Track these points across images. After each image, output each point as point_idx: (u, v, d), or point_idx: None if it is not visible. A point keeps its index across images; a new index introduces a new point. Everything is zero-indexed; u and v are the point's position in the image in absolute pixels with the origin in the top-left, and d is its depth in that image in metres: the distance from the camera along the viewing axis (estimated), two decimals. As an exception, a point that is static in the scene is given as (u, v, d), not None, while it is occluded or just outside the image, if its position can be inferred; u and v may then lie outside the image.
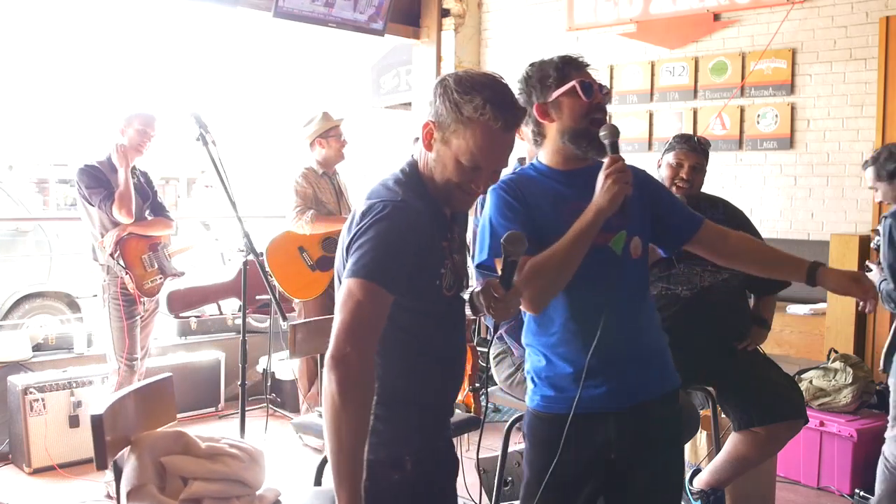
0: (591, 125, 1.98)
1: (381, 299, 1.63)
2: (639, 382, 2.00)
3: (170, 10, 12.26)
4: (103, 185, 3.80)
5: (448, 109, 1.69)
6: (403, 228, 1.66)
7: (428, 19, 6.32)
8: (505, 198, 2.00)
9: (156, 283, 3.95)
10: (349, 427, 1.56)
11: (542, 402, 2.04)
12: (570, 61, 2.04)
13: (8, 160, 17.62)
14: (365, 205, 1.71)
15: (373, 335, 1.63)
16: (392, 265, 1.64)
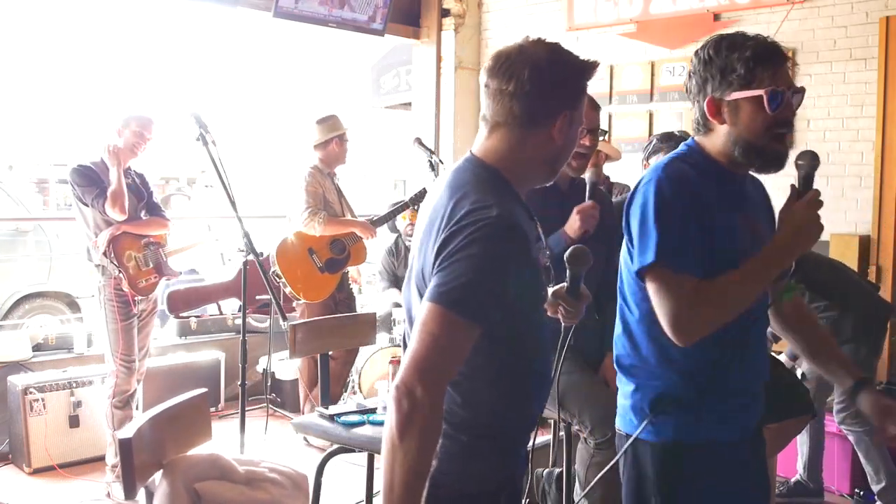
0: (772, 141, 1.70)
1: (465, 333, 1.48)
2: (754, 412, 1.87)
3: (170, 10, 12.26)
4: (95, 183, 3.79)
5: (575, 89, 1.65)
6: (506, 250, 1.50)
7: (428, 19, 6.32)
8: (682, 195, 1.70)
9: (150, 282, 3.94)
10: (405, 466, 1.43)
11: (680, 430, 1.78)
12: (765, 56, 1.68)
13: (8, 160, 17.61)
14: (463, 208, 1.53)
15: (448, 372, 1.50)
16: (486, 295, 1.48)
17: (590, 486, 2.52)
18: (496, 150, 1.64)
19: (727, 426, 1.79)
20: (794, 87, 1.70)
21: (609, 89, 5.64)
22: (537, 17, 6.04)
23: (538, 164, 1.67)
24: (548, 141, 1.63)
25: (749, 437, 1.85)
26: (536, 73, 1.58)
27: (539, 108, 1.61)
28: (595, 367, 2.75)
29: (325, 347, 3.43)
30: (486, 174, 1.62)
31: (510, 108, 1.60)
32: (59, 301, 7.08)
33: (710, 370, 1.73)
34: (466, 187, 1.58)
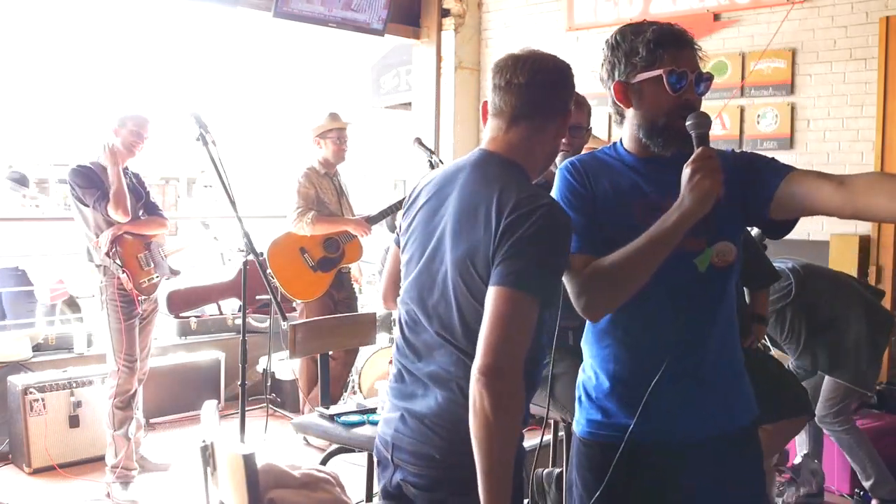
0: (671, 121, 1.69)
1: (536, 312, 1.60)
2: (699, 414, 1.72)
3: (170, 10, 12.26)
4: (96, 185, 3.79)
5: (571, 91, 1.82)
6: (563, 233, 1.63)
7: (428, 19, 6.32)
8: (570, 181, 1.77)
9: (152, 282, 3.95)
10: (504, 444, 1.55)
11: (586, 427, 1.82)
12: (667, 39, 1.73)
13: (8, 160, 17.61)
14: (514, 197, 1.63)
15: (524, 350, 1.59)
16: (556, 277, 1.64)
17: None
18: (513, 145, 1.74)
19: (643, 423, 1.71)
20: (701, 73, 1.72)
21: (609, 89, 5.64)
22: (537, 17, 6.04)
23: (542, 158, 1.79)
24: (555, 135, 1.77)
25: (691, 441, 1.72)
26: (554, 70, 1.76)
27: (555, 101, 1.75)
28: None
29: (325, 347, 3.43)
30: (514, 168, 1.72)
31: (534, 99, 1.71)
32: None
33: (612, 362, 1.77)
34: (505, 178, 1.69)
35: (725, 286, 1.73)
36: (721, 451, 1.73)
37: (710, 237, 1.67)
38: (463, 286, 1.67)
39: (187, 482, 3.91)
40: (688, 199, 1.58)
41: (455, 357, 1.70)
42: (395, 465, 1.79)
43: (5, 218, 7.09)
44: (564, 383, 2.61)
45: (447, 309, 1.71)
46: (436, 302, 1.74)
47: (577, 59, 5.75)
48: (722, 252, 1.68)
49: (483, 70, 6.35)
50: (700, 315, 1.70)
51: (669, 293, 1.67)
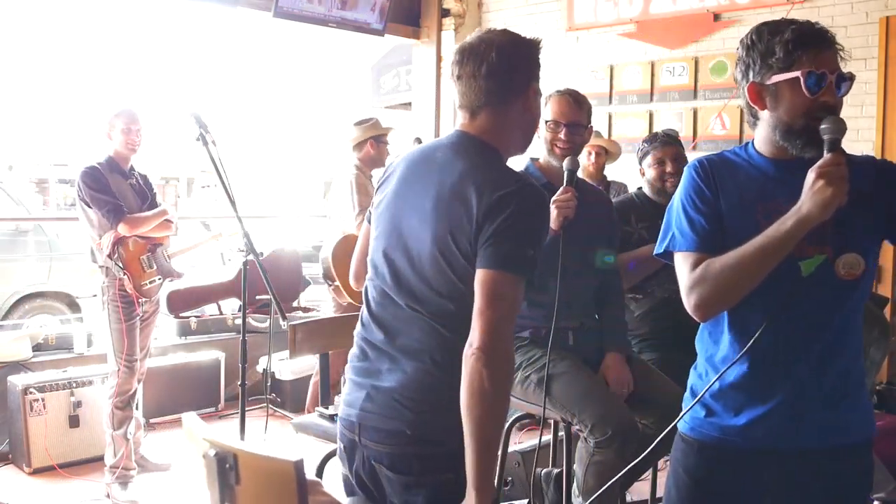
0: (810, 123, 1.62)
1: (522, 292, 1.70)
2: (806, 424, 1.66)
3: (170, 10, 12.25)
4: (105, 190, 3.77)
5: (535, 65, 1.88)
6: (544, 215, 1.77)
7: (428, 19, 6.32)
8: (695, 181, 1.72)
9: (154, 284, 3.94)
10: (498, 422, 1.65)
11: (689, 423, 1.76)
12: (806, 39, 1.62)
13: (8, 160, 17.63)
14: (496, 180, 1.72)
15: (513, 331, 1.71)
16: (537, 257, 1.70)
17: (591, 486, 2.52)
18: (486, 129, 1.82)
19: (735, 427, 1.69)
20: (841, 73, 1.63)
21: (609, 89, 5.64)
22: (537, 17, 6.04)
23: (518, 135, 1.87)
24: (523, 111, 1.84)
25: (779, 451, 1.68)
26: (502, 54, 1.79)
27: (510, 83, 1.80)
28: (594, 367, 2.75)
29: (326, 347, 3.42)
30: (490, 151, 1.81)
31: (487, 88, 1.79)
32: (59, 301, 7.08)
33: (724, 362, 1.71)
34: (481, 160, 1.78)
35: (849, 298, 1.67)
36: (827, 466, 1.68)
37: (836, 247, 1.62)
38: (443, 261, 1.73)
39: (187, 482, 3.91)
40: (807, 204, 1.53)
41: (428, 328, 1.75)
42: (364, 445, 1.79)
43: (6, 218, 7.08)
44: (564, 383, 2.61)
45: (420, 282, 1.77)
46: (409, 276, 1.78)
47: (577, 59, 5.78)
48: (849, 264, 1.62)
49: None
50: (814, 323, 1.65)
51: (778, 298, 1.62)
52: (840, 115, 1.63)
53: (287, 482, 1.53)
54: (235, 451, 1.64)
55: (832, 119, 1.59)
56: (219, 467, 1.66)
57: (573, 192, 2.65)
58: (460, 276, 1.72)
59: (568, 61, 5.75)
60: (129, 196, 3.91)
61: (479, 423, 1.61)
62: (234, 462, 1.63)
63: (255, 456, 1.63)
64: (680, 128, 5.23)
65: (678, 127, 5.24)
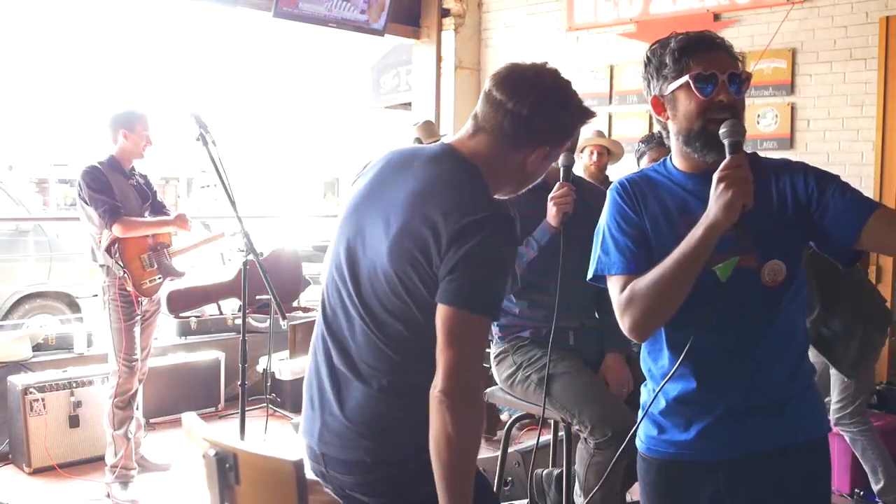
0: (708, 124, 1.65)
1: (488, 330, 1.66)
2: (752, 430, 1.67)
3: (170, 10, 12.25)
4: (106, 192, 3.76)
5: (564, 131, 1.77)
6: (512, 250, 1.67)
7: (428, 19, 6.32)
8: (619, 203, 1.74)
9: (154, 284, 3.94)
10: (465, 468, 1.58)
11: (645, 443, 1.79)
12: (692, 44, 1.67)
13: (8, 160, 17.63)
14: (467, 204, 1.61)
15: (480, 371, 1.65)
16: (502, 296, 1.65)
17: (593, 485, 2.53)
18: (477, 152, 1.71)
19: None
20: (734, 73, 1.65)
21: (609, 89, 5.64)
22: (537, 17, 6.04)
23: (507, 181, 1.76)
24: (520, 166, 1.73)
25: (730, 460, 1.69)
26: (539, 102, 1.67)
27: (524, 134, 1.69)
28: (595, 367, 2.75)
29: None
30: (470, 170, 1.69)
31: (501, 123, 1.68)
32: (59, 301, 7.08)
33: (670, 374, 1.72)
34: (459, 179, 1.67)
35: (778, 303, 1.67)
36: (779, 467, 1.69)
37: (761, 255, 1.62)
38: (398, 282, 1.63)
39: (187, 482, 3.91)
40: (713, 209, 1.54)
41: (376, 349, 1.67)
42: (332, 476, 1.73)
43: (6, 218, 7.08)
44: (564, 383, 2.61)
45: (374, 297, 1.67)
46: (365, 288, 1.69)
47: (577, 59, 5.78)
48: (773, 271, 1.63)
49: (483, 70, 6.35)
50: (749, 331, 1.67)
51: (691, 309, 1.62)
52: (743, 113, 1.68)
53: (287, 482, 1.52)
54: (235, 450, 1.63)
55: (730, 123, 1.61)
56: (219, 467, 1.65)
57: (570, 187, 2.65)
58: (416, 302, 1.62)
59: (568, 61, 5.74)
60: (131, 196, 3.91)
61: (446, 469, 1.56)
62: (234, 462, 1.63)
63: (254, 456, 1.62)
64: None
65: (678, 127, 5.24)
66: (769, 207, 1.67)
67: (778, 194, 1.68)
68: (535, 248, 2.67)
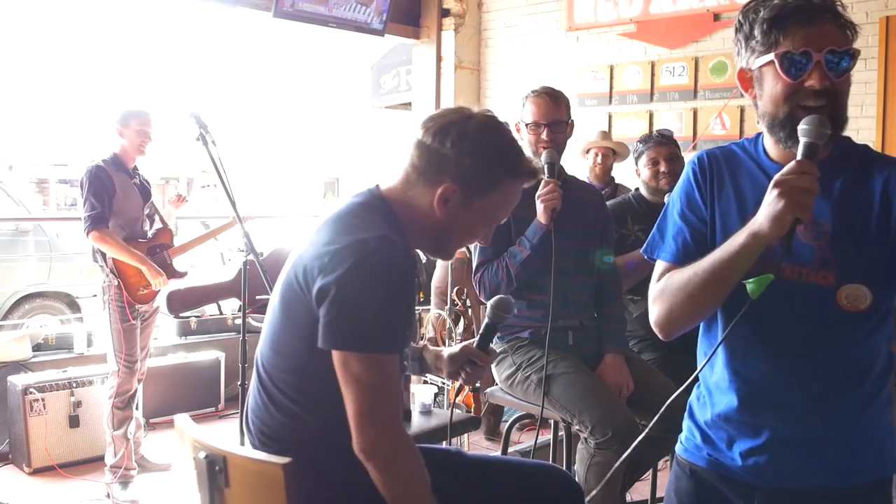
0: (796, 111, 1.40)
1: (394, 366, 1.46)
2: (797, 463, 1.49)
3: (170, 10, 12.26)
4: (100, 197, 3.74)
5: (476, 170, 1.57)
6: (397, 273, 1.46)
7: (428, 19, 6.32)
8: (690, 183, 1.55)
9: (149, 291, 3.89)
10: (415, 496, 1.48)
11: (684, 445, 1.66)
12: (787, 13, 1.39)
13: (8, 160, 17.62)
14: (340, 242, 1.47)
15: (396, 408, 1.48)
16: (394, 324, 1.47)
17: (592, 485, 2.52)
18: (394, 188, 1.63)
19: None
20: (836, 49, 1.37)
21: (609, 89, 5.64)
22: (537, 17, 6.04)
23: (424, 227, 1.62)
24: (430, 208, 1.59)
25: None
26: (448, 135, 1.57)
27: (428, 166, 1.58)
28: (594, 367, 2.75)
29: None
30: (378, 205, 1.60)
31: (412, 156, 1.61)
32: (59, 301, 7.08)
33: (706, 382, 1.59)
34: (355, 213, 1.57)
35: (855, 332, 1.45)
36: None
37: (840, 274, 1.41)
38: (279, 308, 1.58)
39: (187, 482, 3.91)
40: (759, 217, 1.33)
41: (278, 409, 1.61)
42: None
43: (6, 218, 7.08)
44: (564, 383, 2.61)
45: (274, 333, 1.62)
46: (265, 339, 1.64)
47: (577, 59, 5.78)
48: (852, 296, 1.41)
49: (483, 70, 6.35)
50: (810, 356, 1.46)
51: (776, 327, 1.46)
52: (845, 99, 1.42)
53: (276, 485, 1.52)
54: (225, 453, 1.62)
55: (812, 119, 1.36)
56: (208, 469, 1.64)
57: (555, 183, 2.65)
58: (290, 325, 1.55)
59: (568, 61, 5.74)
60: (134, 195, 3.90)
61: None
62: (224, 464, 1.61)
63: (244, 458, 1.60)
64: (680, 128, 5.23)
65: (678, 127, 5.24)
66: (866, 218, 1.43)
67: (883, 202, 1.41)
68: (527, 247, 2.67)
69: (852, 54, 1.40)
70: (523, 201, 2.62)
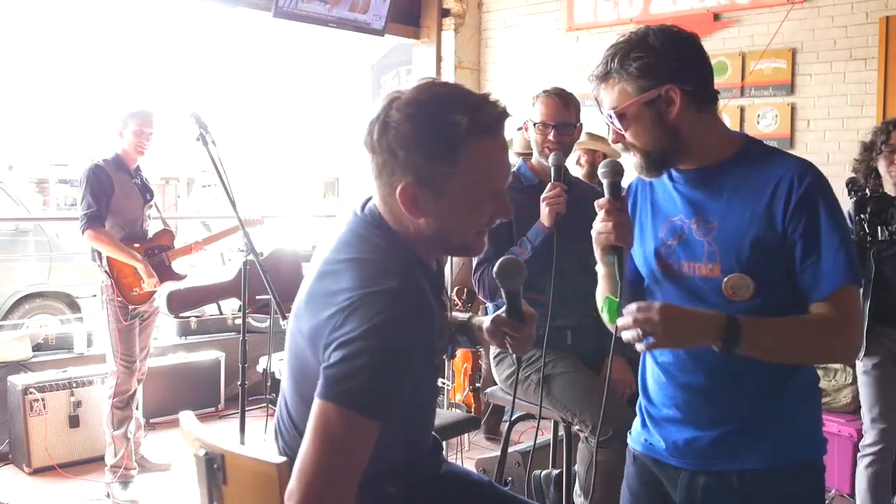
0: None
1: (371, 434, 1.28)
2: (710, 446, 1.62)
3: (170, 10, 12.26)
4: (99, 197, 3.73)
5: (421, 154, 1.34)
6: (409, 337, 1.31)
7: (428, 19, 6.32)
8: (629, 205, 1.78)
9: (144, 292, 3.88)
10: None
11: (630, 433, 1.84)
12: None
13: (8, 160, 17.62)
14: (358, 279, 1.34)
15: (355, 479, 1.28)
16: (392, 389, 1.30)
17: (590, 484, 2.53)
18: (379, 204, 1.44)
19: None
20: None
21: (609, 89, 5.64)
22: (537, 17, 6.04)
23: (426, 239, 1.43)
24: (411, 218, 1.40)
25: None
26: (378, 132, 1.38)
27: (378, 170, 1.40)
28: (593, 366, 2.75)
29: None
30: (384, 236, 1.42)
31: (382, 160, 1.40)
32: (59, 301, 7.08)
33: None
34: (363, 248, 1.40)
35: None
36: (747, 488, 1.60)
37: (724, 267, 1.56)
38: (296, 373, 1.51)
39: (187, 482, 3.91)
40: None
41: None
42: None
43: (6, 218, 7.08)
44: (564, 383, 2.61)
45: (290, 372, 1.58)
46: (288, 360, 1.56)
47: (577, 59, 5.78)
48: (735, 286, 1.54)
49: (483, 70, 6.35)
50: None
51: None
52: (619, 141, 1.63)
53: (271, 484, 1.51)
54: (223, 451, 1.63)
55: (611, 164, 1.66)
56: (207, 467, 1.64)
57: (562, 188, 2.65)
58: (301, 392, 1.45)
59: (568, 61, 5.74)
60: (134, 195, 3.91)
61: None
62: (222, 462, 1.62)
63: (240, 457, 1.60)
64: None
65: (678, 127, 5.24)
66: (752, 214, 1.55)
67: (770, 199, 1.54)
68: (528, 249, 2.67)
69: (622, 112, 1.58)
70: (525, 200, 2.63)
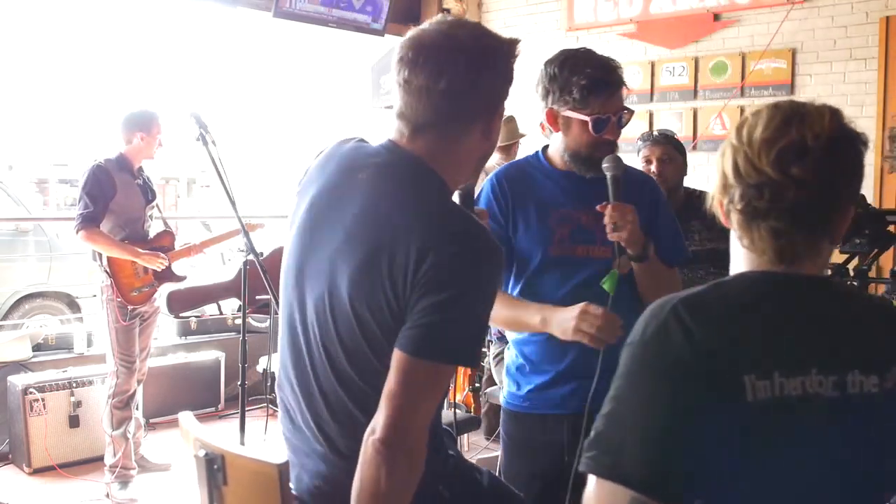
0: (595, 153, 1.95)
1: (451, 375, 1.43)
2: (582, 392, 1.88)
3: (170, 10, 12.27)
4: (97, 198, 3.72)
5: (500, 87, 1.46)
6: (495, 282, 1.42)
7: (428, 19, 6.33)
8: (488, 193, 2.03)
9: (144, 292, 3.88)
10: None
11: (508, 399, 2.11)
12: (599, 87, 1.93)
13: (8, 160, 17.62)
14: (448, 238, 1.34)
15: (433, 415, 1.42)
16: (480, 337, 1.42)
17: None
18: (429, 153, 1.43)
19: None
20: (622, 112, 1.96)
21: (609, 89, 5.64)
22: (537, 17, 6.04)
23: (470, 164, 1.50)
24: (483, 139, 1.46)
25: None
26: (470, 66, 1.38)
27: (473, 106, 1.42)
28: None
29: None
30: (430, 180, 1.43)
31: (441, 109, 1.39)
32: (59, 301, 7.08)
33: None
34: (419, 192, 1.42)
35: (630, 289, 2.01)
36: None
37: (615, 249, 1.92)
38: (357, 329, 1.40)
39: (187, 482, 3.91)
40: (554, 321, 1.87)
41: (340, 406, 1.47)
42: None
43: (6, 218, 7.08)
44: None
45: (333, 346, 1.45)
46: (320, 335, 1.46)
47: (577, 59, 5.77)
48: (622, 264, 1.93)
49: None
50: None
51: (572, 298, 1.92)
52: (618, 141, 1.99)
53: (271, 484, 1.51)
54: (223, 451, 1.63)
55: (611, 158, 1.92)
56: (207, 468, 1.64)
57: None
58: (376, 351, 1.39)
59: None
60: (136, 195, 3.90)
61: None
62: (222, 463, 1.62)
63: (240, 458, 1.60)
64: (680, 128, 5.23)
65: (678, 127, 5.24)
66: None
67: (641, 199, 2.01)
68: None
69: (631, 112, 2.02)
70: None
